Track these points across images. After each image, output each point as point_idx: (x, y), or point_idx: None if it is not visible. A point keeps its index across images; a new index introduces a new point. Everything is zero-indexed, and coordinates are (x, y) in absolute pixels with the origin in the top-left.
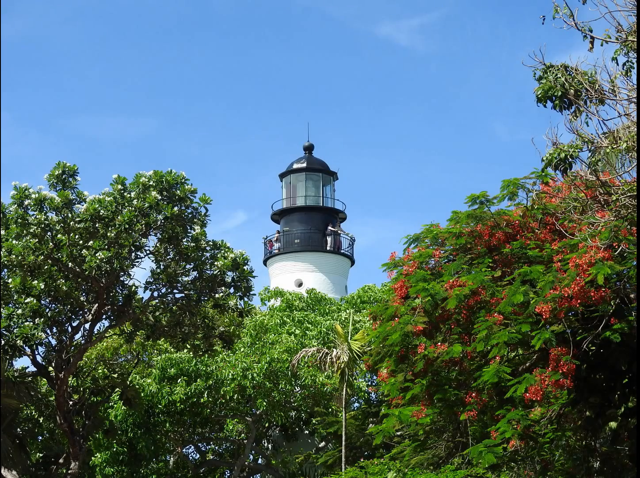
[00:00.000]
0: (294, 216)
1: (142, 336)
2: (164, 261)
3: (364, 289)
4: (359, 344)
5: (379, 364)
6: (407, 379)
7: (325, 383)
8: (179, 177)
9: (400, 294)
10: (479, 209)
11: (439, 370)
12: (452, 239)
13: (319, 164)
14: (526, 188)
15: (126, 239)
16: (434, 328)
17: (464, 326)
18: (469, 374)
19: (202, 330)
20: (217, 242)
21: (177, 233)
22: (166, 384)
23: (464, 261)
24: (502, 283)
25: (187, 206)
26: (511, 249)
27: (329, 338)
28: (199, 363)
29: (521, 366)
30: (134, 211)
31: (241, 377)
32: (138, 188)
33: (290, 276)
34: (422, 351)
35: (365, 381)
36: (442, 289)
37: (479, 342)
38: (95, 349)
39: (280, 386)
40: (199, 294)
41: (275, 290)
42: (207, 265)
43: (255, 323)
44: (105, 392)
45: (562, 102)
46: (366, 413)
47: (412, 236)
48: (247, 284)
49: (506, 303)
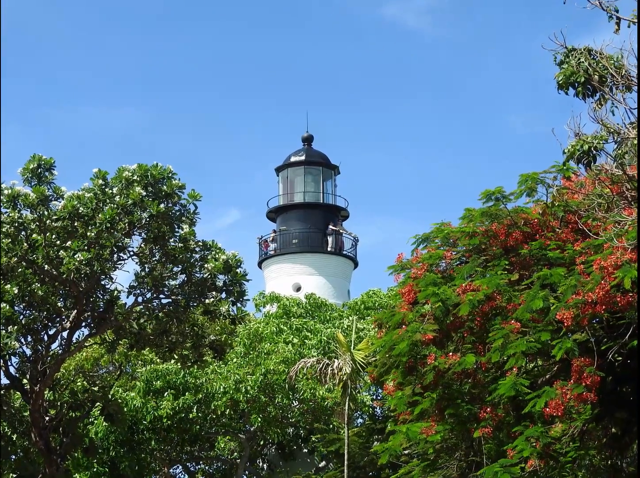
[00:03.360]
0: (291, 214)
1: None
2: (149, 263)
3: (369, 294)
4: (362, 354)
5: (385, 376)
6: (415, 392)
7: (326, 397)
8: (166, 172)
9: (408, 300)
10: (495, 207)
11: (451, 382)
12: (464, 239)
13: (319, 157)
14: (546, 183)
15: (108, 239)
16: (445, 337)
17: (478, 334)
18: (484, 387)
19: (191, 339)
20: (207, 242)
21: (164, 233)
22: (151, 398)
23: (477, 263)
24: (520, 287)
25: (175, 203)
26: (529, 250)
27: (330, 347)
28: (187, 375)
29: (540, 379)
30: (116, 208)
31: (234, 390)
32: (121, 183)
33: (287, 280)
34: (432, 362)
35: (369, 395)
36: (454, 294)
37: (494, 352)
38: (74, 360)
39: (276, 400)
40: (187, 300)
41: (271, 295)
42: (197, 268)
43: (249, 332)
44: (84, 407)
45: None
46: (371, 430)
47: (421, 236)
48: (240, 288)
49: (524, 309)
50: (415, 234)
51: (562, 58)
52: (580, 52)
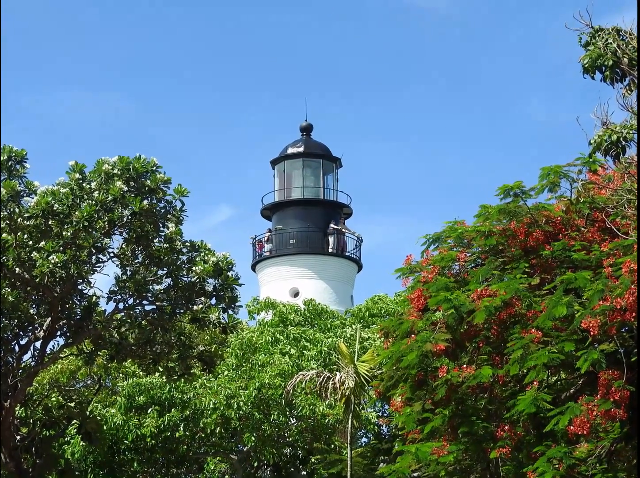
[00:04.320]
0: (288, 212)
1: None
2: (131, 265)
3: (374, 300)
4: (367, 366)
5: (392, 391)
6: (425, 409)
7: (327, 414)
8: (150, 165)
9: (418, 306)
10: (513, 203)
11: (465, 397)
12: (480, 239)
13: (319, 149)
14: (570, 177)
15: (85, 239)
16: (458, 347)
17: (495, 344)
18: (501, 403)
19: (177, 350)
20: (195, 243)
21: (147, 232)
22: (134, 415)
23: (494, 265)
24: (541, 292)
25: (160, 199)
26: (552, 252)
27: (331, 359)
28: (173, 389)
29: (564, 394)
30: (95, 205)
31: (225, 406)
32: (100, 177)
33: (284, 284)
34: (444, 375)
35: (375, 412)
36: (468, 300)
37: (512, 364)
38: (48, 372)
39: (272, 417)
40: (173, 306)
41: (266, 301)
42: (184, 271)
43: (242, 341)
44: (59, 425)
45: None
46: (376, 450)
47: (432, 236)
48: (231, 294)
49: (546, 317)
50: (425, 233)
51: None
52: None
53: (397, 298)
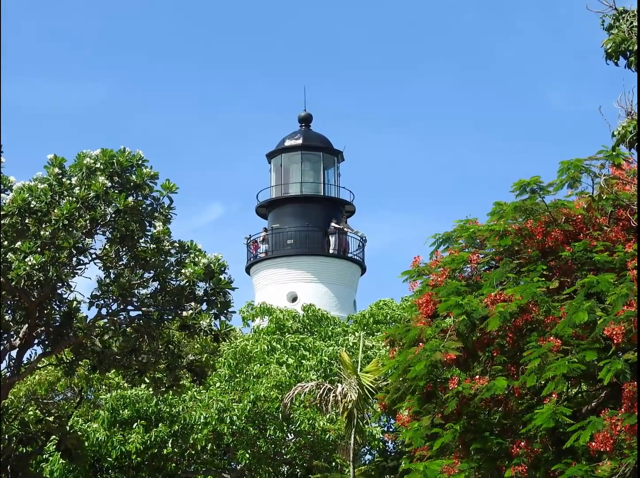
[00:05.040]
0: (286, 209)
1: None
2: (115, 268)
3: (379, 305)
4: (371, 377)
5: (398, 404)
6: (435, 423)
7: (328, 429)
8: (135, 158)
9: (426, 312)
10: (530, 200)
11: (477, 411)
12: (494, 239)
13: (319, 141)
14: (592, 172)
15: (65, 239)
16: (470, 357)
17: (510, 353)
18: (517, 417)
19: (165, 359)
20: (185, 243)
21: (132, 231)
22: (118, 430)
23: (509, 268)
24: (560, 297)
25: (146, 196)
26: (572, 253)
27: (332, 369)
28: (161, 402)
29: (585, 407)
30: (76, 202)
31: (216, 421)
32: (81, 171)
33: (281, 288)
34: (455, 386)
35: (379, 427)
36: (481, 305)
37: (529, 375)
38: (25, 384)
39: (268, 433)
40: (161, 312)
41: (262, 307)
42: (172, 273)
43: (236, 350)
44: (37, 441)
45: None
46: (381, 468)
47: (442, 236)
48: (224, 298)
49: (565, 324)
50: (434, 233)
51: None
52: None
53: (403, 303)
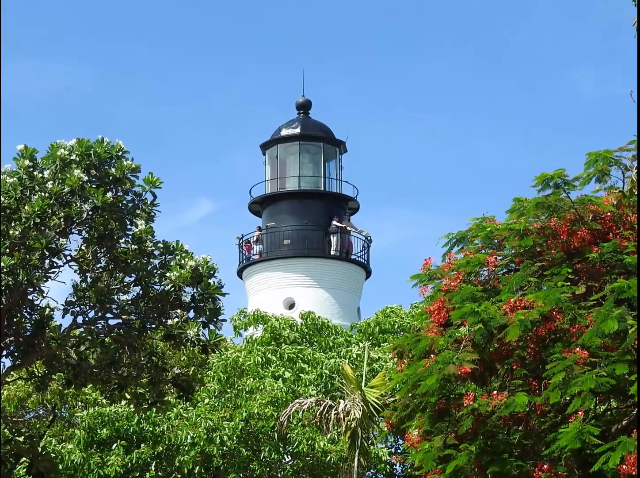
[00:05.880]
0: (282, 206)
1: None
2: (93, 271)
3: (385, 312)
4: (377, 393)
5: (407, 422)
6: (448, 444)
7: (329, 451)
8: (114, 149)
9: (439, 320)
10: (554, 196)
11: (495, 430)
12: (513, 239)
13: (319, 130)
14: (622, 165)
15: (37, 239)
16: (487, 370)
17: (532, 366)
18: (539, 437)
19: (147, 373)
20: (169, 244)
21: (112, 230)
22: (95, 452)
23: (531, 271)
24: (587, 303)
25: (126, 191)
26: (600, 254)
27: (334, 384)
28: (143, 420)
29: (615, 426)
30: (49, 198)
31: (205, 441)
32: (54, 164)
33: (277, 294)
34: (470, 403)
35: (386, 448)
36: (499, 312)
37: (553, 390)
38: None
39: (262, 454)
40: (143, 320)
41: (256, 314)
42: (156, 277)
43: (226, 363)
44: (6, 463)
45: None
46: None
47: (456, 235)
48: (213, 305)
49: (593, 333)
50: (447, 232)
51: None
52: None
53: (413, 310)
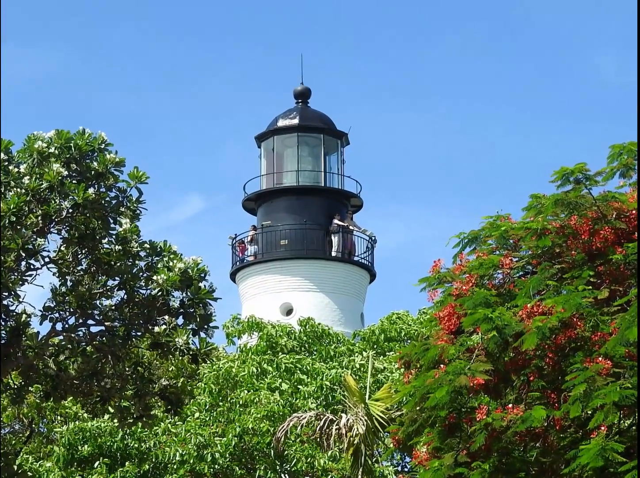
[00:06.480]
0: (279, 203)
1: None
2: (73, 274)
3: (391, 319)
4: (382, 406)
5: (415, 438)
6: (459, 462)
7: (330, 469)
8: (97, 141)
9: (449, 328)
10: (574, 192)
11: (511, 447)
12: (530, 239)
13: (319, 120)
14: None
15: (12, 239)
16: (501, 381)
17: (550, 377)
18: (558, 454)
19: (133, 385)
20: (157, 244)
21: (94, 230)
22: (76, 470)
23: (549, 274)
24: (611, 309)
25: (110, 187)
26: (625, 256)
27: (335, 396)
28: (127, 436)
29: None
30: (25, 194)
31: (195, 459)
32: (31, 157)
33: (273, 299)
34: (484, 417)
35: (392, 466)
36: (514, 319)
37: (573, 403)
38: None
39: (257, 473)
40: (128, 328)
41: (250, 321)
42: (142, 281)
43: (218, 373)
44: None
45: None
46: None
47: (467, 235)
48: (204, 311)
49: (617, 342)
50: (458, 232)
51: None
52: None
53: (421, 316)
